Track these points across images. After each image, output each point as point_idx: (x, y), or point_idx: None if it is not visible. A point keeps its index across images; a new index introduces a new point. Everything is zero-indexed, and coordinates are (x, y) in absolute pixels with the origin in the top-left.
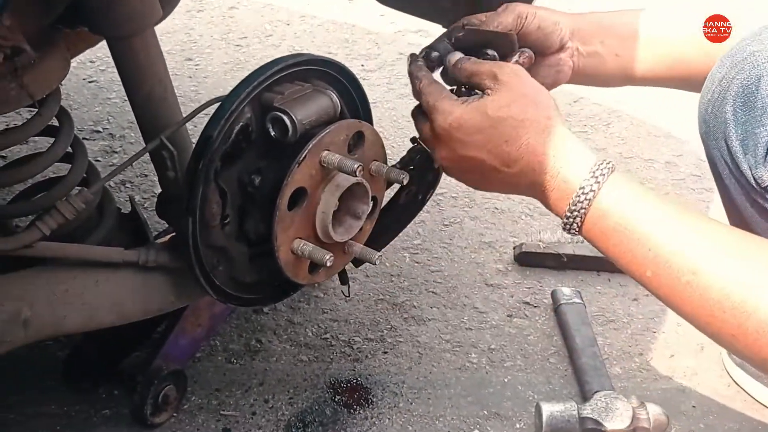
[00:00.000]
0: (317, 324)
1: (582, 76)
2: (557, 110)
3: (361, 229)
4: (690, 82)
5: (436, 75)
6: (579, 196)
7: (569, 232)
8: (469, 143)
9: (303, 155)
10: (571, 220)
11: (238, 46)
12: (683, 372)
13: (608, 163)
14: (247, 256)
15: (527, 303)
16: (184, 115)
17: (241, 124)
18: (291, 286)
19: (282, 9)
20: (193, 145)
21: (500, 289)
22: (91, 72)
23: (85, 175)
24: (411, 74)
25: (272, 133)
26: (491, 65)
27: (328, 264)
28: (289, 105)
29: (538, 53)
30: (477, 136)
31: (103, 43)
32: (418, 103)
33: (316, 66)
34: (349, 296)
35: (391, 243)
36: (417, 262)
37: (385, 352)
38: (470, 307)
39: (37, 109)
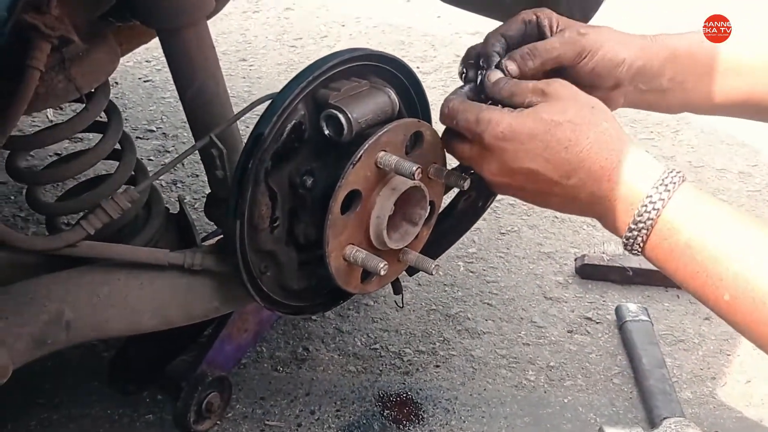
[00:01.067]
0: (366, 333)
1: (628, 106)
2: (615, 117)
3: (417, 236)
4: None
5: None
6: (645, 206)
7: (631, 251)
8: (523, 153)
9: (358, 156)
10: (635, 233)
11: (292, 47)
12: (760, 399)
13: (678, 173)
14: (296, 261)
15: (589, 319)
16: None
17: (294, 121)
18: (341, 294)
19: (337, 10)
20: (244, 144)
21: (560, 303)
22: (147, 71)
23: (133, 173)
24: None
25: (326, 132)
26: (536, 83)
27: (382, 273)
28: (345, 102)
29: (584, 85)
30: (532, 144)
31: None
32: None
33: (373, 62)
34: (402, 306)
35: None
36: (472, 272)
37: (437, 366)
38: (528, 320)
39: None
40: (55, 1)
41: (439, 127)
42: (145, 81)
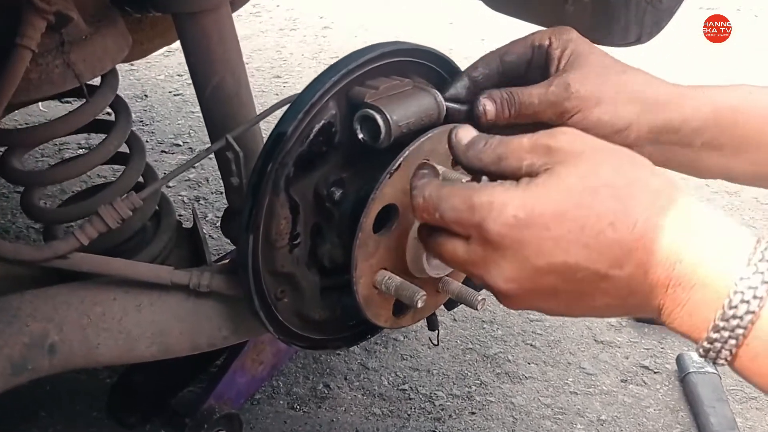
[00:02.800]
0: (395, 372)
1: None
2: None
3: None
4: None
5: None
6: (733, 301)
7: (714, 362)
8: (552, 243)
9: (396, 164)
10: (718, 345)
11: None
12: None
13: None
14: (318, 287)
15: (645, 367)
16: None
17: (322, 122)
18: (368, 328)
19: (376, 30)
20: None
21: (612, 348)
22: (178, 85)
23: (141, 180)
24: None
25: (360, 136)
26: (534, 137)
27: (419, 305)
28: (384, 102)
29: None
30: (562, 228)
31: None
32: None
33: (419, 58)
34: (436, 344)
35: None
36: None
37: (473, 413)
38: (576, 366)
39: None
40: None
41: None
42: (175, 95)
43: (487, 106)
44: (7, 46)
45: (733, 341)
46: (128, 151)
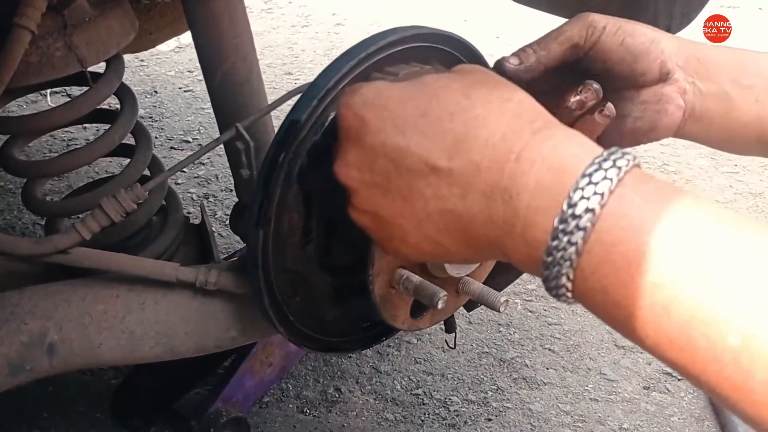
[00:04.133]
0: (408, 376)
1: (698, 127)
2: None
3: (481, 263)
4: None
5: None
6: (573, 199)
7: (557, 292)
8: (390, 124)
9: None
10: (563, 243)
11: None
12: None
13: (628, 154)
14: (331, 287)
15: (669, 374)
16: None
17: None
18: (384, 330)
19: (389, 26)
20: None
21: (634, 354)
22: (188, 81)
23: (148, 173)
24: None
25: None
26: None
27: (440, 305)
28: None
29: (625, 85)
30: (402, 110)
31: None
32: None
33: (440, 44)
34: (453, 347)
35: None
36: (531, 312)
37: (489, 419)
38: (596, 372)
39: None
40: None
41: None
42: (185, 91)
43: (511, 59)
44: (6, 26)
45: (572, 249)
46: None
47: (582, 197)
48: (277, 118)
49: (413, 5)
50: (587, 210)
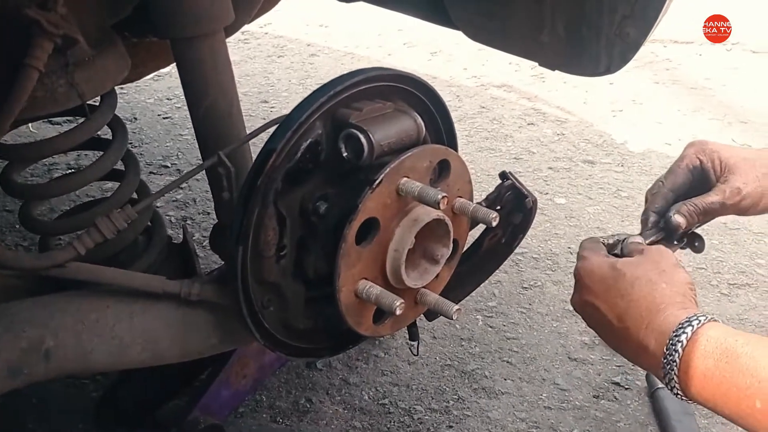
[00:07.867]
0: (375, 387)
1: None
2: (691, 295)
3: (437, 276)
4: None
5: None
6: (676, 335)
7: (671, 388)
8: (591, 291)
9: (379, 179)
10: (671, 362)
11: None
12: None
13: (705, 315)
14: (302, 297)
15: (617, 384)
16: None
17: (309, 140)
18: (351, 337)
19: (363, 58)
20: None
21: (585, 365)
22: (167, 108)
23: (135, 196)
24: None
25: (345, 154)
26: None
27: (398, 312)
28: (367, 123)
29: None
30: (598, 286)
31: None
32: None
33: (400, 83)
34: (416, 355)
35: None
36: (491, 327)
37: (450, 427)
38: (550, 382)
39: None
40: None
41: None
42: (164, 118)
43: (680, 219)
44: (15, 65)
45: (676, 354)
46: (123, 169)
47: (682, 330)
48: (255, 146)
49: (386, 40)
50: (683, 338)
